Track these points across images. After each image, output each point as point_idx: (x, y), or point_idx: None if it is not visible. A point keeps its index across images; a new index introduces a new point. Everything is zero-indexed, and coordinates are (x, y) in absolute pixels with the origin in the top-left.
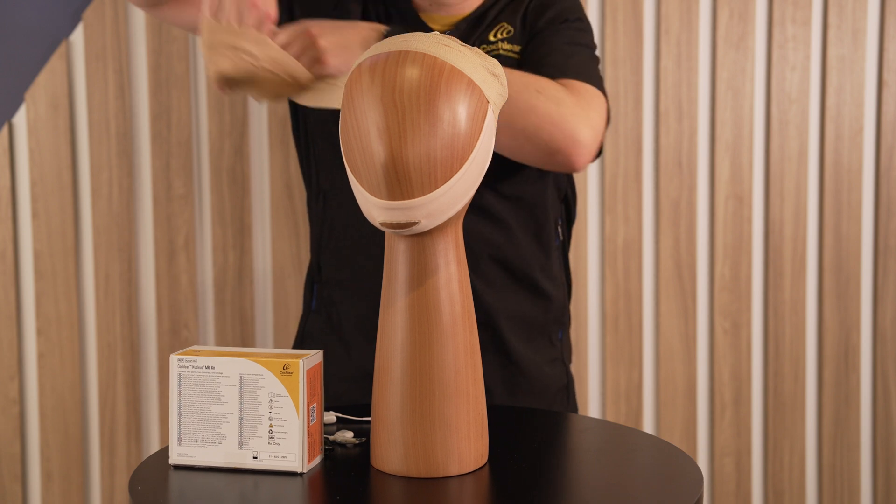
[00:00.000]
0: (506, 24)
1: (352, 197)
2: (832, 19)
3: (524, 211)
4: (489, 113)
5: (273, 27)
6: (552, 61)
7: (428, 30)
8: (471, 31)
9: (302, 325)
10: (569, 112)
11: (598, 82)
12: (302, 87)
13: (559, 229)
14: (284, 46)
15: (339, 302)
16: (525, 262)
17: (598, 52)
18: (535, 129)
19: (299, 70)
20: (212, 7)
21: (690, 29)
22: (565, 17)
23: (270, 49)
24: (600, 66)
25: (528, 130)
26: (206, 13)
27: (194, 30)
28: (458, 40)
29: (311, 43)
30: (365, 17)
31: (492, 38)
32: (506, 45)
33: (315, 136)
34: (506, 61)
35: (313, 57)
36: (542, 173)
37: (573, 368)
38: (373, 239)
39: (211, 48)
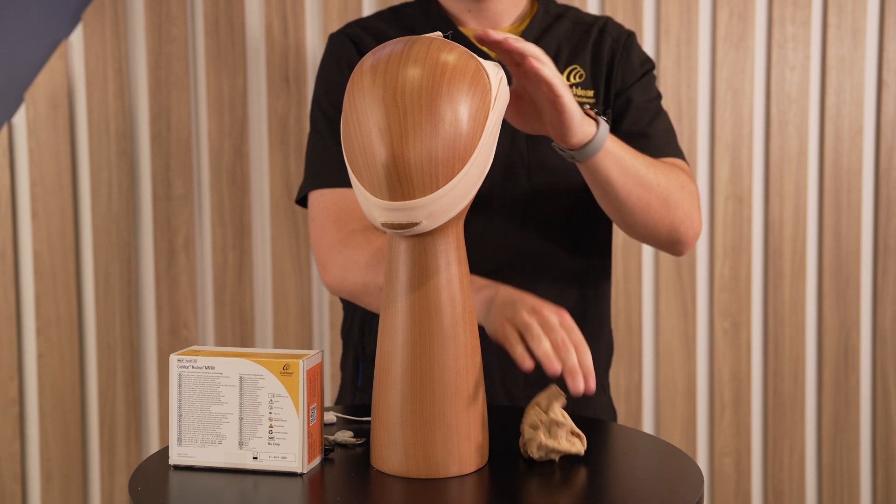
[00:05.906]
0: (578, 68)
1: None
2: (832, 19)
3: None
4: (491, 113)
5: None
6: (657, 143)
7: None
8: None
9: (350, 399)
10: (696, 209)
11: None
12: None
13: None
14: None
15: None
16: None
17: None
18: (677, 223)
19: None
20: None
21: (690, 29)
22: (647, 68)
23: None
24: None
25: (672, 223)
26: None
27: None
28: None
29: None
30: None
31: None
32: (579, 91)
33: None
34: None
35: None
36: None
37: None
38: None
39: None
